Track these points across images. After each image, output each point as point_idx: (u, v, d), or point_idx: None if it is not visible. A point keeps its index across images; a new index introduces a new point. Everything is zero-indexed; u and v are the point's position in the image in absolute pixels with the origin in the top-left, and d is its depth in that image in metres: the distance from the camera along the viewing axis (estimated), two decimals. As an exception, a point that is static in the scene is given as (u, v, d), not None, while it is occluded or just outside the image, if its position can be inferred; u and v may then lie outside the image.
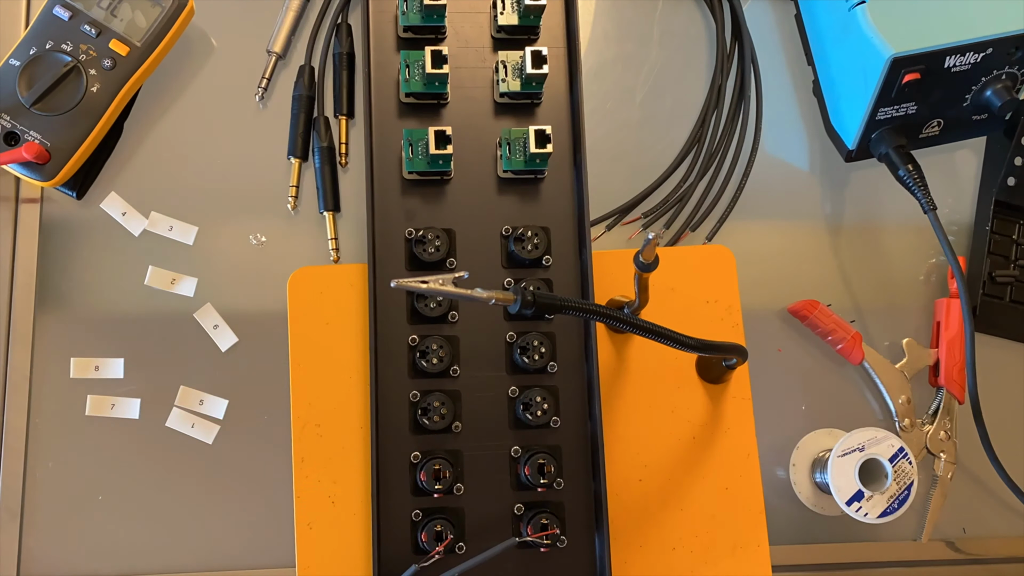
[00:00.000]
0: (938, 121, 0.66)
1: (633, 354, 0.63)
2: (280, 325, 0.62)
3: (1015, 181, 0.69)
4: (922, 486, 0.67)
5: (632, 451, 0.62)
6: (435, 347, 0.59)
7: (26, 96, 0.58)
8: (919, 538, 0.65)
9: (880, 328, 0.68)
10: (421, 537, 0.57)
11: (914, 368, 0.67)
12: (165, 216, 0.63)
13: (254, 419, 0.61)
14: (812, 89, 0.71)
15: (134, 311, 0.62)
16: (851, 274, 0.69)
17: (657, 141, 0.69)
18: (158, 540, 0.60)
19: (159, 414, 0.61)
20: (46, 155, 0.58)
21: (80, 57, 0.59)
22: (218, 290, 0.63)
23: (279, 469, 0.60)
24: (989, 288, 0.68)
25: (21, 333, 0.61)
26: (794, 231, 0.69)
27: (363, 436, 0.60)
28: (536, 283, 0.61)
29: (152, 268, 0.62)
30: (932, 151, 0.70)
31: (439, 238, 0.60)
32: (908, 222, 0.70)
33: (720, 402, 0.63)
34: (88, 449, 0.60)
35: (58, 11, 0.59)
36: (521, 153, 0.61)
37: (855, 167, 0.70)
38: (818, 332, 0.66)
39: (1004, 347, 0.69)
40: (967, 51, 0.61)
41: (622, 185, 0.68)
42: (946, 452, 0.66)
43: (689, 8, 0.72)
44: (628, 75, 0.70)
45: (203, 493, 0.60)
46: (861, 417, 0.67)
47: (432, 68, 0.60)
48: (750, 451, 0.63)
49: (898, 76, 0.61)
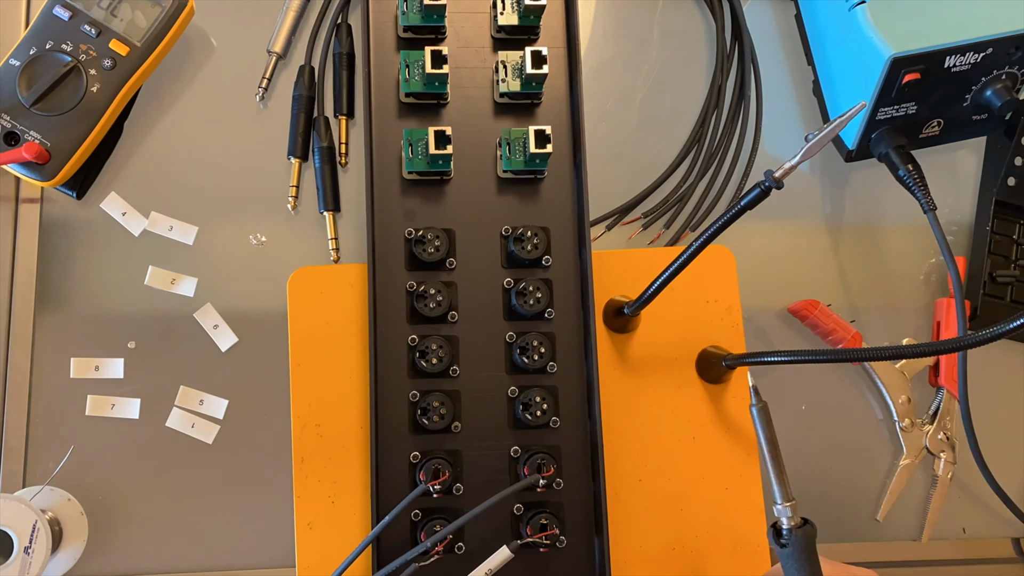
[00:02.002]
0: (938, 121, 0.66)
1: (633, 354, 0.63)
2: (280, 325, 0.62)
3: (1015, 181, 0.69)
4: (922, 486, 0.67)
5: (632, 451, 0.62)
6: (435, 347, 0.59)
7: (26, 96, 0.58)
8: (919, 538, 0.66)
9: (880, 328, 0.68)
10: (421, 537, 0.57)
11: (914, 368, 0.67)
12: (165, 216, 0.63)
13: (254, 419, 0.61)
14: (812, 89, 0.71)
15: (134, 311, 0.62)
16: (851, 274, 0.69)
17: (657, 141, 0.69)
18: (158, 540, 0.60)
19: (159, 414, 0.61)
20: (46, 155, 0.58)
21: (80, 57, 0.59)
22: (218, 290, 0.63)
23: (279, 469, 0.60)
24: (989, 288, 0.68)
25: (21, 333, 0.61)
26: (794, 231, 0.69)
27: (363, 436, 0.60)
28: (536, 283, 0.60)
29: (152, 268, 0.62)
30: (932, 151, 0.70)
31: (439, 238, 0.60)
32: (908, 222, 0.70)
33: (720, 402, 0.63)
34: (88, 449, 0.60)
35: (58, 11, 0.59)
36: (521, 153, 0.61)
37: (855, 167, 0.70)
38: (818, 332, 0.66)
39: (1005, 347, 0.69)
40: (967, 51, 0.61)
41: (622, 185, 0.68)
42: (946, 452, 0.66)
43: (689, 8, 0.72)
44: (628, 75, 0.70)
45: (203, 493, 0.60)
46: (861, 417, 0.67)
47: (432, 68, 0.60)
48: (750, 451, 0.63)
49: (898, 76, 0.61)
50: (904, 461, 0.66)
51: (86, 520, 0.59)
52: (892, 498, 0.65)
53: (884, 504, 0.65)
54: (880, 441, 0.67)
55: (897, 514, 0.66)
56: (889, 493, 0.65)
